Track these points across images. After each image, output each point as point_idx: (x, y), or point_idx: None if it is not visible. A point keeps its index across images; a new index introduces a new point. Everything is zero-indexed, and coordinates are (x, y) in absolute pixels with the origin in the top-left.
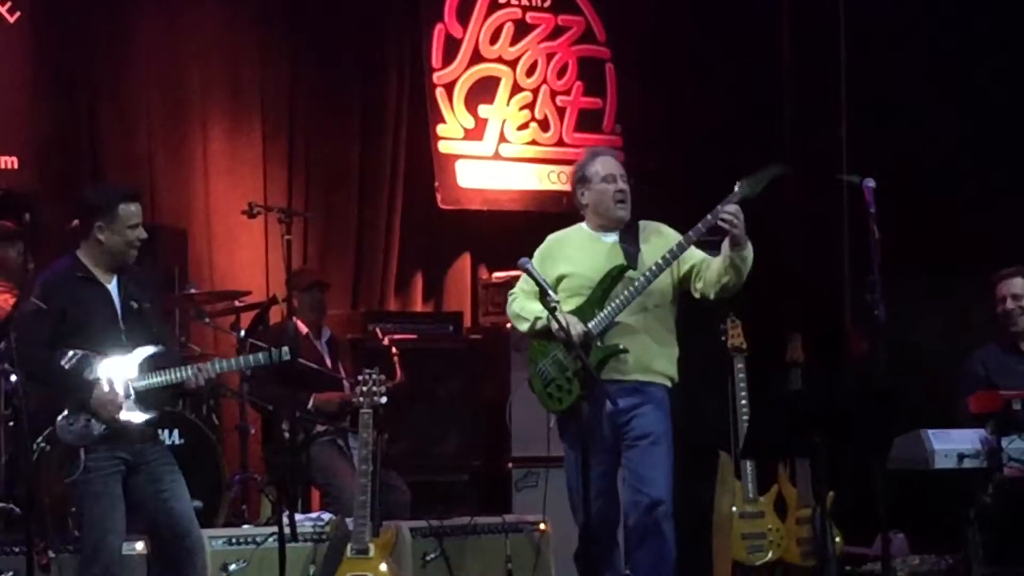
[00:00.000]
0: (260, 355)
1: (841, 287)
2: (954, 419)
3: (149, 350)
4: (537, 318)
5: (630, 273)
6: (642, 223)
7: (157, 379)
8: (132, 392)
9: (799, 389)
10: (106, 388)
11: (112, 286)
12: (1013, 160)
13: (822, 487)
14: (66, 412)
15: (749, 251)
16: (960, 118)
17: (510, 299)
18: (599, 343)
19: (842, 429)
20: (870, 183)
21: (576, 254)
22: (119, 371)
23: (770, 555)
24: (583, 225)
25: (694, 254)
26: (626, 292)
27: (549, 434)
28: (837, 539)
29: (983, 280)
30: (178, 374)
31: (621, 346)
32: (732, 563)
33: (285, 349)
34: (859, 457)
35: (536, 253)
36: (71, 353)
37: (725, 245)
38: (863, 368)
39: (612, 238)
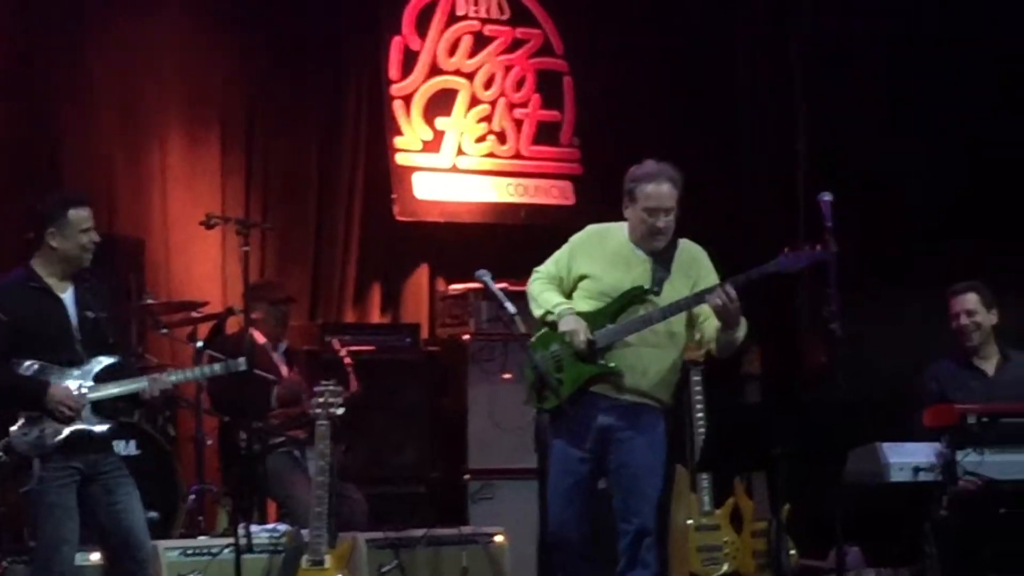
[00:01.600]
0: (216, 366)
1: (798, 300)
2: (909, 433)
3: (104, 360)
4: (549, 312)
5: (651, 297)
6: (682, 245)
7: (113, 389)
8: (87, 402)
9: (756, 402)
10: (61, 388)
11: (67, 296)
12: (970, 176)
13: (778, 500)
14: (21, 422)
15: (741, 332)
16: (919, 132)
17: (533, 276)
18: (600, 359)
19: (798, 442)
20: (826, 197)
21: (607, 259)
22: (75, 381)
23: (726, 568)
24: (625, 230)
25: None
26: (639, 315)
27: (536, 440)
28: (792, 552)
29: (939, 295)
30: (134, 385)
31: (615, 366)
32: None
33: (241, 360)
34: (815, 470)
35: (573, 238)
36: (28, 363)
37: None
38: (820, 381)
39: (647, 256)
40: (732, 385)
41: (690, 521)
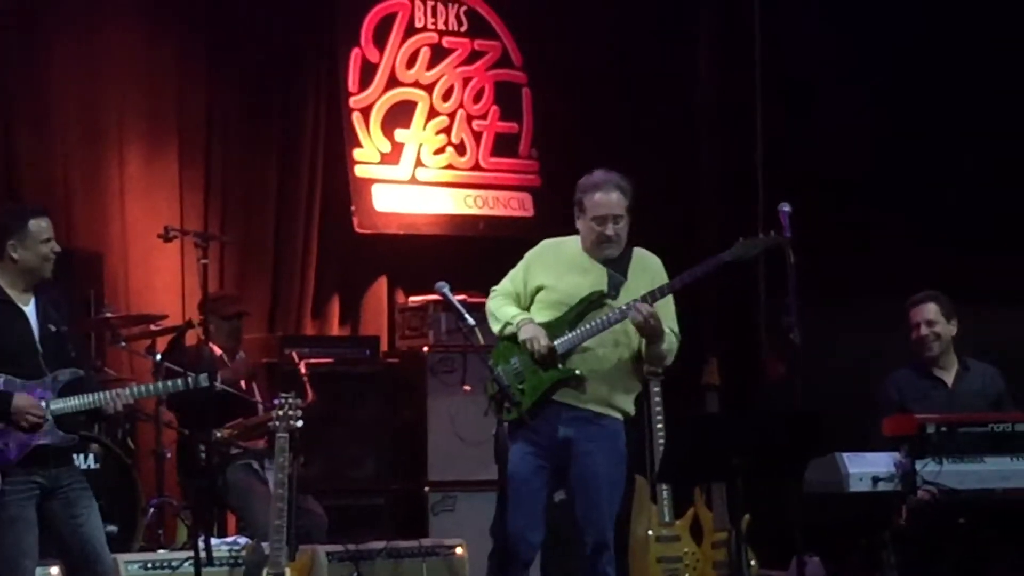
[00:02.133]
0: (179, 381)
1: (757, 310)
2: (869, 442)
3: (67, 373)
4: (507, 323)
5: (608, 302)
6: (637, 252)
7: (74, 402)
8: (50, 415)
9: (715, 413)
10: (26, 398)
11: (30, 308)
12: (929, 185)
13: (738, 510)
14: None
15: (663, 346)
16: (878, 141)
17: (491, 295)
18: (560, 365)
19: (758, 452)
20: (786, 208)
21: (562, 268)
22: (37, 395)
23: None
24: (579, 241)
25: (662, 306)
26: (599, 320)
27: (496, 452)
28: (752, 562)
29: (898, 305)
30: (95, 398)
31: (578, 371)
32: None
33: (204, 376)
34: (775, 480)
35: (528, 253)
36: None
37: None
38: (779, 391)
39: (601, 262)
40: (692, 396)
41: (650, 532)
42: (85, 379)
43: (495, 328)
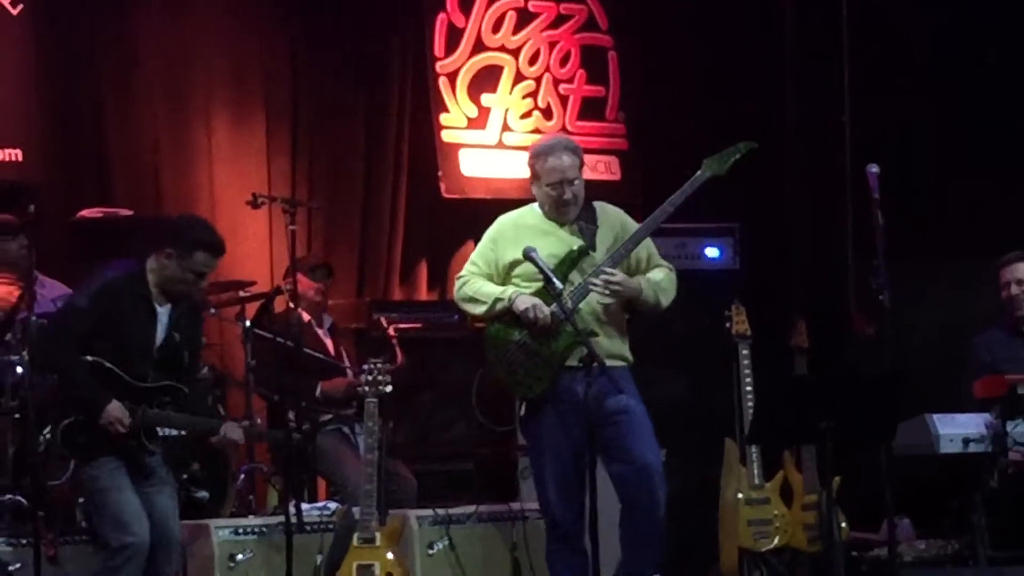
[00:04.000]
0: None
1: (845, 272)
2: (959, 403)
3: (169, 385)
4: (497, 299)
5: (589, 257)
6: (598, 205)
7: (165, 419)
8: (140, 422)
9: (804, 375)
10: (119, 408)
11: (163, 311)
12: (1017, 144)
13: (828, 473)
14: (69, 421)
15: (645, 297)
16: (964, 101)
17: (459, 283)
18: (567, 328)
19: (847, 414)
20: (873, 169)
21: (529, 239)
22: (137, 396)
23: (776, 541)
24: (535, 207)
25: (644, 247)
26: (585, 276)
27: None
28: (843, 525)
29: (987, 264)
30: (186, 422)
31: (587, 328)
32: (738, 550)
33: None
34: (864, 442)
35: (486, 236)
36: (91, 358)
37: None
38: (868, 353)
39: (569, 221)
40: (780, 358)
41: (740, 495)
42: (185, 396)
43: (479, 310)
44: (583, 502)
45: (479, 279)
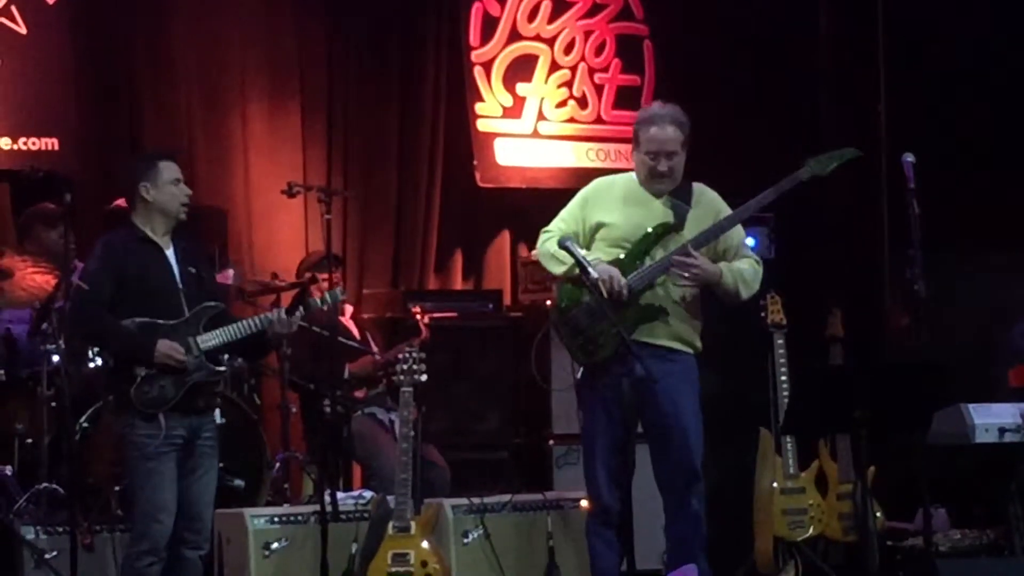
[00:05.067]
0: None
1: (881, 262)
2: (995, 393)
3: (210, 308)
4: (577, 263)
5: (676, 235)
6: (696, 186)
7: (219, 335)
8: (198, 351)
9: (839, 364)
10: (167, 343)
11: (170, 252)
12: None
13: (863, 462)
14: (139, 379)
15: (725, 285)
16: (1000, 90)
17: (543, 237)
18: (639, 301)
19: (883, 404)
20: (909, 158)
21: (620, 205)
22: (183, 330)
23: (811, 531)
24: (633, 175)
25: (734, 235)
26: (666, 257)
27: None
28: (878, 514)
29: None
30: (240, 326)
31: (659, 305)
32: (773, 539)
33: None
34: (900, 432)
35: (579, 194)
36: (132, 319)
37: None
38: (903, 343)
39: (663, 195)
40: (816, 348)
41: (775, 484)
42: (227, 312)
43: (558, 270)
44: (629, 485)
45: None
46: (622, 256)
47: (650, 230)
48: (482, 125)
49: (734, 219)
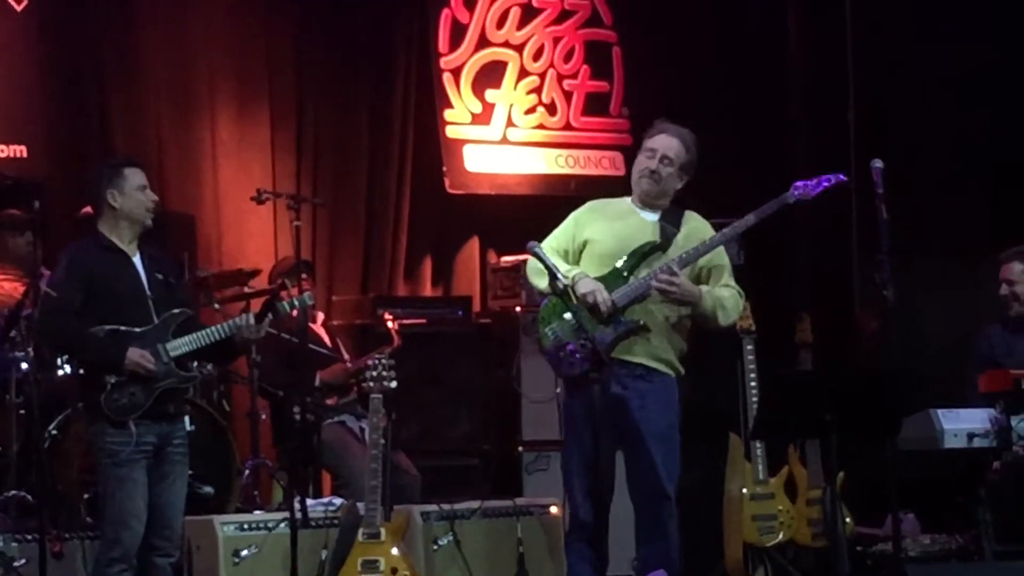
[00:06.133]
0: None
1: (850, 267)
2: (963, 398)
3: (177, 315)
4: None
5: (661, 255)
6: (687, 213)
7: (188, 340)
8: (167, 358)
9: (809, 370)
10: (137, 351)
11: (136, 259)
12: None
13: (832, 468)
14: (110, 387)
15: (703, 308)
16: (970, 98)
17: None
18: (621, 317)
19: (852, 410)
20: (878, 164)
21: (609, 223)
22: (152, 337)
23: (781, 536)
24: (628, 199)
25: (716, 258)
26: (648, 275)
27: (560, 415)
28: (847, 520)
29: (991, 259)
30: (209, 332)
31: (641, 321)
32: (743, 545)
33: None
34: (869, 438)
35: (573, 213)
36: (100, 327)
37: None
38: (873, 348)
39: (653, 217)
40: (785, 354)
41: (744, 490)
42: (195, 319)
43: (542, 284)
44: (607, 501)
45: (550, 253)
46: (604, 274)
47: (635, 249)
48: (451, 132)
49: (718, 240)
